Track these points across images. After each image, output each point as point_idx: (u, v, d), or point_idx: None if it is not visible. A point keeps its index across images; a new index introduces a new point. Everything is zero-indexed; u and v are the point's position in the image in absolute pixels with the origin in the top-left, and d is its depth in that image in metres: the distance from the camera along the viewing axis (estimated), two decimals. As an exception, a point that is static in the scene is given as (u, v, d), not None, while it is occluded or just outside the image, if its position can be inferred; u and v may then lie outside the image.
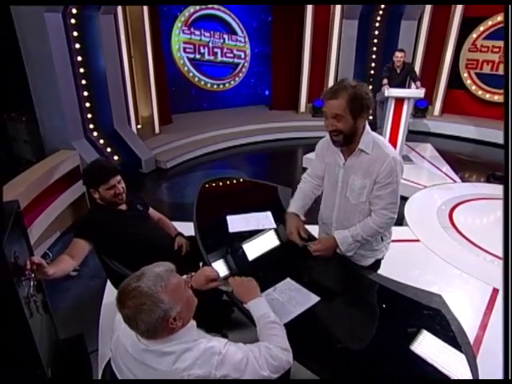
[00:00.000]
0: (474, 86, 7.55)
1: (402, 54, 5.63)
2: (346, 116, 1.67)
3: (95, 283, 3.18)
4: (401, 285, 1.75)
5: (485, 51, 7.25)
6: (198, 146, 6.40)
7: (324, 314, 1.66)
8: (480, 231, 3.81)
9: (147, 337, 1.17)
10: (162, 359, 1.16)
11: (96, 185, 2.07)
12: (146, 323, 1.12)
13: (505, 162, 1.19)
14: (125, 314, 1.13)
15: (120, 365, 1.27)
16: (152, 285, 1.13)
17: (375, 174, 1.75)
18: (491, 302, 2.78)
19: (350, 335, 1.55)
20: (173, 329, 1.17)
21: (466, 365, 1.34)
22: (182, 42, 7.44)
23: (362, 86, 1.68)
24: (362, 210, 1.87)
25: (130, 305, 1.11)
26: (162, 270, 1.20)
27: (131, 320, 1.13)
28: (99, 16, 4.78)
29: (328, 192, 2.02)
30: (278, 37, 7.89)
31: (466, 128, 7.30)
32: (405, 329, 1.50)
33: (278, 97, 8.42)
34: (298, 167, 6.30)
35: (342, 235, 1.88)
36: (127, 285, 1.15)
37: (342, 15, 7.29)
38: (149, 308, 1.11)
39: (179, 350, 1.16)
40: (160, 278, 1.17)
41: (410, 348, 1.40)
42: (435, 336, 1.44)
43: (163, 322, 1.14)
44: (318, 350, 1.49)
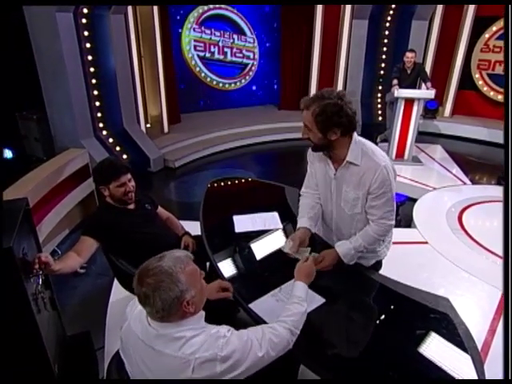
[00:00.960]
0: (485, 86, 7.44)
1: (412, 55, 5.58)
2: (312, 129, 1.64)
3: (102, 281, 3.20)
4: (408, 288, 1.73)
5: (497, 51, 7.14)
6: (206, 146, 6.41)
7: (330, 316, 1.65)
8: (490, 234, 3.75)
9: (160, 317, 1.20)
10: (170, 344, 1.19)
11: (107, 182, 2.08)
12: (162, 300, 1.15)
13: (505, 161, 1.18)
14: (143, 292, 1.17)
15: (130, 352, 1.30)
16: (172, 265, 1.19)
17: (367, 184, 1.71)
18: (500, 307, 2.74)
19: (356, 338, 1.54)
20: (185, 313, 1.21)
21: (472, 368, 1.32)
22: (193, 39, 7.46)
23: (335, 99, 1.58)
24: (359, 219, 1.84)
25: (150, 282, 1.16)
26: (182, 254, 1.27)
27: (148, 297, 1.16)
28: (110, 16, 4.82)
29: (324, 201, 1.97)
30: (287, 36, 7.86)
31: (476, 129, 7.20)
32: (411, 332, 1.49)
33: (286, 97, 8.39)
34: (303, 167, 6.27)
35: (343, 248, 1.83)
36: (148, 264, 1.21)
37: (351, 15, 7.24)
38: (167, 285, 1.16)
39: (188, 335, 1.19)
40: (180, 260, 1.23)
41: (417, 351, 1.39)
42: (442, 339, 1.43)
43: (178, 303, 1.18)
44: (324, 353, 1.48)
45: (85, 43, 4.63)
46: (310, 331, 1.54)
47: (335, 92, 1.62)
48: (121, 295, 2.78)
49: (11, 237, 1.33)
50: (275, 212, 2.39)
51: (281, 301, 1.68)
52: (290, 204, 2.54)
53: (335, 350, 1.51)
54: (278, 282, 1.78)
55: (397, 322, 1.59)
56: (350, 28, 7.34)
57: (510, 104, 1.12)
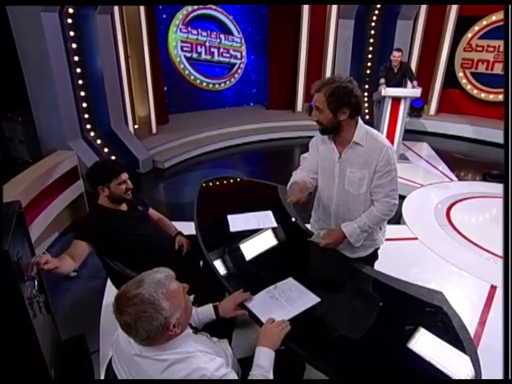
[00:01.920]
0: (469, 85, 7.60)
1: (399, 54, 5.66)
2: (324, 109, 1.76)
3: (94, 284, 3.17)
4: (402, 282, 1.77)
5: (480, 51, 7.30)
6: (195, 146, 6.39)
7: (326, 313, 1.67)
8: (477, 229, 3.84)
9: (145, 344, 1.16)
10: (154, 364, 1.16)
11: (107, 181, 2.05)
12: (146, 331, 1.10)
13: (505, 161, 1.21)
14: (123, 320, 1.11)
15: (117, 364, 1.28)
16: (154, 292, 1.12)
17: (374, 164, 1.81)
18: (489, 299, 2.81)
19: (354, 333, 1.56)
20: (171, 336, 1.17)
21: (466, 361, 1.35)
22: (179, 40, 7.42)
23: (345, 83, 1.73)
24: (364, 200, 1.92)
25: (131, 312, 1.09)
26: (163, 276, 1.19)
27: (130, 327, 1.11)
28: (96, 16, 4.76)
29: (324, 187, 2.05)
30: (273, 36, 7.88)
31: (461, 127, 7.35)
32: (408, 326, 1.51)
33: (274, 97, 8.42)
34: (295, 167, 6.28)
35: (349, 227, 1.92)
36: (126, 292, 1.13)
37: (338, 15, 7.31)
38: (150, 315, 1.10)
39: (171, 359, 1.15)
40: (161, 284, 1.15)
41: (415, 344, 1.42)
42: (437, 332, 1.46)
43: (163, 329, 1.13)
44: (322, 349, 1.50)
45: (71, 43, 4.57)
46: (307, 327, 1.56)
47: (344, 77, 1.78)
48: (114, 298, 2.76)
49: (6, 240, 1.31)
50: (269, 211, 2.40)
51: (275, 298, 1.69)
52: (283, 203, 2.55)
53: (332, 345, 1.52)
54: (273, 280, 1.78)
55: (394, 316, 1.62)
56: (336, 28, 7.41)
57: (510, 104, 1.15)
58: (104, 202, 2.13)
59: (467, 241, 3.57)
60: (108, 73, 5.09)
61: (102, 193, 2.09)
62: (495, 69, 7.22)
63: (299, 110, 8.30)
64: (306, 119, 7.95)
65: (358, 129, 1.83)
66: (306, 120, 7.92)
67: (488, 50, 7.21)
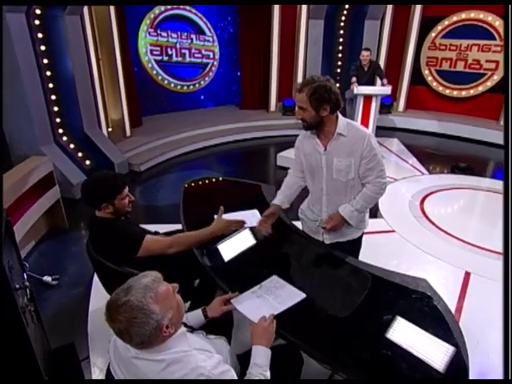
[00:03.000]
0: (434, 82, 7.93)
1: (368, 53, 5.84)
2: (307, 108, 1.91)
3: (77, 291, 3.10)
4: (388, 272, 1.85)
5: (443, 49, 7.63)
6: (171, 148, 6.34)
7: (315, 305, 1.73)
8: (449, 219, 4.04)
9: (141, 348, 1.16)
10: (151, 365, 1.17)
11: (113, 197, 1.96)
12: (140, 336, 1.11)
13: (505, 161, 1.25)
14: (116, 328, 1.12)
15: (115, 367, 1.28)
16: (142, 297, 1.12)
17: (359, 151, 1.98)
18: (464, 286, 2.96)
19: (344, 322, 1.63)
20: (165, 337, 1.17)
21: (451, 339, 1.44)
22: (149, 44, 7.33)
23: (324, 82, 1.89)
24: (353, 185, 2.08)
25: (122, 319, 1.10)
26: (150, 280, 1.19)
27: (124, 334, 1.12)
28: (64, 17, 4.64)
29: (313, 180, 2.18)
30: (245, 36, 7.93)
31: (428, 122, 7.65)
32: (397, 312, 1.59)
33: (247, 96, 8.46)
34: (272, 165, 6.39)
35: (347, 210, 2.08)
36: (115, 300, 1.13)
37: (308, 15, 7.44)
38: (141, 321, 1.10)
39: (168, 359, 1.16)
40: (149, 288, 1.15)
41: (404, 329, 1.50)
42: (424, 316, 1.55)
43: (156, 332, 1.14)
44: (317, 338, 1.55)
45: (39, 45, 4.43)
46: (301, 320, 1.61)
47: (322, 76, 1.93)
48: (100, 304, 2.71)
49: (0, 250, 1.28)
50: (255, 210, 2.44)
51: (261, 297, 1.73)
52: (268, 201, 2.59)
53: (329, 334, 1.58)
54: (259, 279, 1.82)
55: (382, 303, 1.70)
56: (306, 28, 7.55)
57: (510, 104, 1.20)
58: (105, 215, 2.03)
59: (441, 231, 3.75)
60: (79, 75, 4.96)
61: (104, 209, 1.99)
62: (458, 66, 7.57)
63: (273, 110, 8.37)
64: (280, 118, 8.06)
65: (340, 121, 2.00)
66: (280, 119, 8.04)
67: (450, 48, 7.55)
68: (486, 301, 2.81)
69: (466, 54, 7.40)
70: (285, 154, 6.05)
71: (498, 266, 3.19)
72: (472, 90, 7.56)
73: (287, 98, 8.16)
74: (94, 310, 2.68)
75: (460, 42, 7.39)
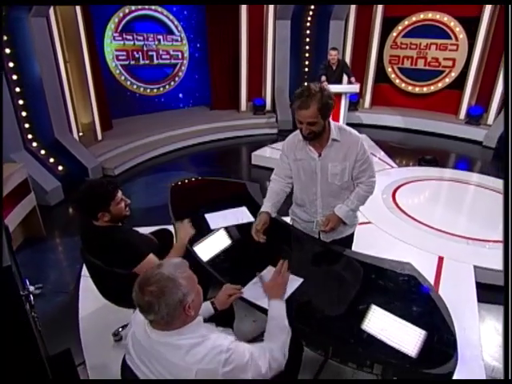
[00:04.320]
0: (397, 79, 8.30)
1: (335, 52, 6.03)
2: (318, 120, 1.89)
3: (61, 299, 3.05)
4: (376, 258, 1.98)
5: (404, 48, 8.01)
6: (144, 151, 6.28)
7: (312, 290, 1.82)
8: (420, 208, 4.28)
9: (165, 323, 1.23)
10: (173, 352, 1.23)
11: (107, 203, 1.93)
12: (167, 305, 1.19)
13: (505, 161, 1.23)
14: (146, 300, 1.19)
15: (135, 360, 1.33)
16: (172, 271, 1.25)
17: (354, 155, 2.02)
18: (439, 270, 3.17)
19: (342, 304, 1.74)
20: (186, 318, 1.26)
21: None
22: (115, 49, 7.20)
23: (326, 91, 1.88)
24: (347, 187, 2.14)
25: (153, 289, 1.19)
26: (179, 260, 1.34)
27: (152, 305, 1.19)
28: (30, 19, 4.49)
29: (306, 184, 2.17)
30: (213, 37, 7.96)
31: (393, 118, 8.00)
32: (388, 292, 1.72)
33: (217, 97, 8.49)
34: (246, 164, 6.48)
35: (342, 210, 2.13)
36: (147, 275, 1.24)
37: (274, 15, 7.57)
38: (171, 290, 1.20)
39: (188, 344, 1.23)
40: (178, 265, 1.29)
41: (399, 307, 1.63)
42: (413, 295, 1.69)
43: (181, 307, 1.22)
44: (316, 322, 1.65)
45: (4, 48, 4.27)
46: (301, 305, 1.71)
47: (316, 84, 1.90)
48: (90, 309, 2.71)
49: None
50: (244, 207, 2.51)
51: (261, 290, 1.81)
52: (254, 198, 2.67)
53: (328, 318, 1.68)
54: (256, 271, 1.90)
55: (374, 287, 1.82)
56: (274, 28, 7.67)
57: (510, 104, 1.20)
58: (104, 224, 1.99)
59: (413, 220, 3.97)
60: (47, 79, 4.82)
61: (102, 218, 1.95)
62: (418, 64, 7.97)
63: (243, 110, 8.44)
64: (251, 118, 8.15)
65: (332, 127, 2.00)
66: (251, 119, 8.13)
67: (411, 47, 7.94)
68: (459, 282, 3.03)
69: (425, 52, 7.81)
70: (259, 152, 6.16)
71: (466, 249, 3.47)
72: (432, 87, 7.98)
73: (257, 97, 8.27)
74: (84, 316, 2.66)
75: (419, 40, 7.78)
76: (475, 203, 4.69)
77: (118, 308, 2.54)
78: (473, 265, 3.19)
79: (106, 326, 2.51)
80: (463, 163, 6.51)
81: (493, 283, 3.13)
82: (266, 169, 5.90)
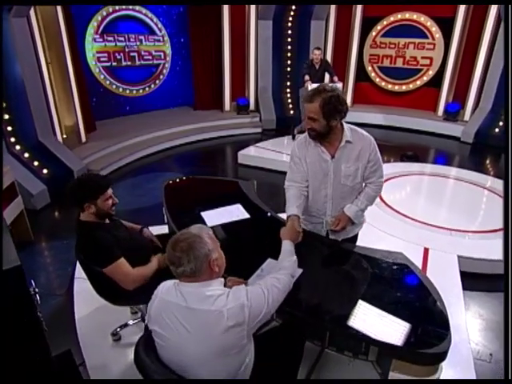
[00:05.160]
0: (377, 78, 8.49)
1: (319, 52, 6.14)
2: (319, 118, 1.90)
3: (55, 302, 3.04)
4: (370, 249, 2.08)
5: (383, 47, 8.21)
6: (129, 152, 6.24)
7: (312, 280, 1.90)
8: (404, 202, 4.43)
9: (193, 273, 1.37)
10: (204, 301, 1.36)
11: (94, 197, 1.99)
12: (196, 257, 1.35)
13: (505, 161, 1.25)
14: (177, 256, 1.36)
15: (165, 321, 1.40)
16: (199, 230, 1.44)
17: (367, 155, 2.04)
18: (425, 260, 3.31)
19: (341, 292, 1.82)
20: (211, 272, 1.41)
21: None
22: (96, 51, 7.12)
23: (336, 91, 1.89)
24: (358, 188, 2.16)
25: (183, 245, 1.36)
26: (204, 226, 1.51)
27: (182, 258, 1.35)
28: (10, 19, 4.42)
29: (318, 187, 2.14)
30: (196, 37, 7.95)
31: (374, 116, 8.19)
32: (383, 280, 1.81)
33: (201, 97, 8.49)
34: (232, 164, 6.53)
35: (352, 210, 2.14)
36: (178, 235, 1.42)
37: (256, 16, 7.63)
38: (198, 245, 1.37)
39: (215, 294, 1.37)
40: (203, 228, 1.48)
41: (393, 295, 1.72)
42: (406, 282, 1.78)
43: (207, 261, 1.38)
44: (317, 310, 1.72)
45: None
46: (301, 294, 1.78)
47: (332, 85, 1.94)
48: (86, 311, 2.71)
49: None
50: (238, 204, 2.57)
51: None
52: (248, 195, 2.73)
53: (327, 305, 1.76)
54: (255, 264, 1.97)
55: (370, 275, 1.91)
56: (256, 28, 7.73)
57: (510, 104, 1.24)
58: (89, 218, 2.05)
59: (398, 214, 4.11)
60: (29, 80, 4.75)
61: (87, 210, 2.01)
62: (397, 63, 8.19)
63: (227, 109, 8.47)
64: (235, 118, 8.19)
65: (345, 128, 2.02)
66: (235, 118, 8.17)
67: (390, 46, 8.14)
68: (444, 271, 3.17)
69: (403, 51, 8.03)
70: (245, 152, 6.22)
71: (450, 240, 3.62)
72: (411, 85, 8.22)
73: (241, 97, 8.31)
74: (80, 318, 2.65)
75: (398, 40, 8.00)
76: (455, 196, 4.90)
77: (115, 309, 2.56)
78: (456, 255, 3.34)
79: (104, 327, 2.52)
80: (442, 158, 6.74)
81: (475, 271, 3.29)
82: (252, 168, 5.98)
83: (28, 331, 1.32)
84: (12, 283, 1.23)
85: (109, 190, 2.07)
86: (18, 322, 1.28)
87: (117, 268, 1.97)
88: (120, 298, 2.18)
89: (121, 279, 2.00)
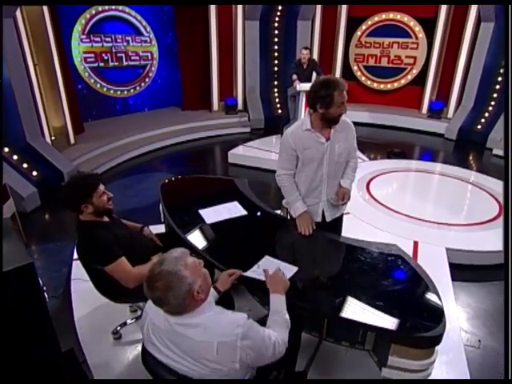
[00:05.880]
0: (363, 77, 8.64)
1: (307, 51, 6.23)
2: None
3: (52, 303, 3.02)
4: (365, 242, 2.16)
5: (368, 47, 8.36)
6: (119, 153, 6.22)
7: (308, 275, 1.96)
8: (392, 198, 4.54)
9: (177, 313, 1.33)
10: (192, 331, 1.33)
11: (88, 195, 2.00)
12: (176, 298, 1.29)
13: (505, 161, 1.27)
14: (156, 295, 1.30)
15: (156, 344, 1.41)
16: (174, 266, 1.32)
17: (352, 134, 2.39)
18: (415, 253, 3.41)
19: (339, 284, 1.89)
20: (197, 301, 1.35)
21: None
22: (83, 51, 7.06)
23: None
24: (344, 165, 2.44)
25: (159, 286, 1.29)
26: (179, 252, 1.40)
27: (162, 299, 1.30)
28: (-4, 20, 4.36)
29: (314, 168, 2.34)
30: (183, 37, 7.95)
31: (361, 114, 8.29)
32: (380, 270, 1.89)
33: (189, 97, 8.49)
34: (221, 163, 6.57)
35: (347, 183, 2.43)
36: (152, 272, 1.33)
37: (243, 16, 7.67)
38: (176, 285, 1.29)
39: (205, 322, 1.33)
40: (179, 259, 1.36)
41: (390, 283, 1.80)
42: (401, 271, 1.87)
43: (189, 295, 1.32)
44: (317, 300, 1.79)
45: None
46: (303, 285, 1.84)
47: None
48: (85, 311, 2.71)
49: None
50: (235, 201, 2.62)
51: (262, 275, 1.93)
52: (244, 193, 2.79)
53: (326, 295, 1.83)
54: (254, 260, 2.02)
55: (367, 267, 1.99)
56: (243, 28, 7.77)
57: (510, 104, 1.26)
58: (88, 218, 2.07)
59: (388, 209, 4.22)
60: (17, 82, 4.69)
61: (85, 210, 2.03)
62: (382, 62, 8.35)
63: (215, 109, 8.49)
64: (224, 117, 8.22)
65: None
66: (223, 118, 8.20)
67: (375, 46, 8.30)
68: (432, 263, 3.26)
69: (388, 50, 8.20)
70: (235, 151, 6.27)
71: (438, 233, 3.73)
72: (396, 83, 8.39)
73: (229, 97, 8.35)
74: (80, 318, 2.65)
75: (382, 39, 8.16)
76: (440, 191, 5.05)
77: (114, 308, 2.59)
78: (445, 247, 3.46)
79: (104, 326, 2.54)
80: (428, 154, 6.92)
81: (463, 263, 3.42)
82: (243, 167, 6.03)
83: (41, 326, 1.35)
84: (25, 280, 1.26)
85: (100, 186, 2.08)
86: (31, 317, 1.31)
87: (118, 267, 1.99)
88: (121, 296, 2.20)
89: (122, 278, 2.02)
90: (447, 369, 2.24)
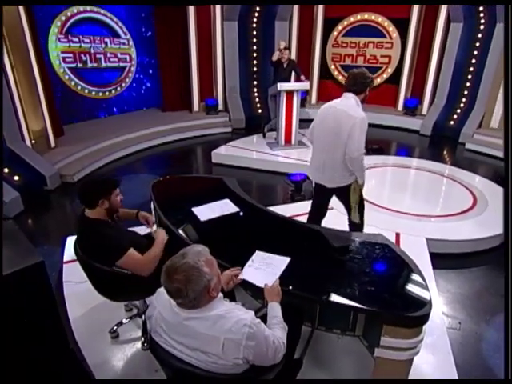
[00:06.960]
0: (340, 76, 8.85)
1: (287, 51, 6.35)
2: None
3: (43, 307, 3.03)
4: (352, 234, 2.28)
5: (345, 46, 8.58)
6: (101, 155, 6.16)
7: (300, 266, 2.06)
8: (373, 192, 4.70)
9: (192, 305, 1.39)
10: (202, 324, 1.39)
11: (109, 192, 2.15)
12: (194, 291, 1.34)
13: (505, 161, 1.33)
14: (174, 287, 1.34)
15: (164, 336, 1.47)
16: (197, 259, 1.38)
17: None
18: (397, 244, 3.56)
19: (333, 273, 2.00)
20: (210, 298, 1.42)
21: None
22: (60, 51, 6.94)
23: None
24: None
25: (180, 278, 1.33)
26: (201, 248, 1.45)
27: (181, 291, 1.33)
28: (-28, 23, 4.27)
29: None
30: (162, 38, 7.92)
31: (339, 112, 8.51)
32: (367, 259, 2.01)
33: (169, 98, 8.46)
34: (204, 163, 6.60)
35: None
36: (173, 263, 1.36)
37: (222, 17, 7.73)
38: (197, 278, 1.35)
39: (215, 316, 1.40)
40: (201, 254, 1.42)
41: (381, 269, 1.92)
42: (388, 259, 1.99)
43: (206, 291, 1.38)
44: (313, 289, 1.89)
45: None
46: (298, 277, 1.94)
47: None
48: (80, 313, 2.73)
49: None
50: (227, 199, 2.69)
51: (259, 269, 2.02)
52: (234, 190, 2.86)
53: (319, 282, 1.93)
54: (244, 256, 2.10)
55: (357, 256, 2.10)
56: (222, 29, 7.82)
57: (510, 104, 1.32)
58: (98, 216, 2.16)
59: (369, 203, 4.37)
60: (-5, 85, 4.60)
61: (101, 206, 2.13)
62: (358, 61, 8.58)
63: (196, 110, 8.50)
64: (204, 118, 8.25)
65: None
66: (204, 119, 8.23)
67: (351, 45, 8.52)
68: (414, 252, 3.42)
69: (364, 50, 8.43)
70: (218, 151, 6.32)
71: (418, 224, 3.91)
72: (372, 82, 8.61)
73: (209, 97, 8.38)
74: (75, 319, 2.67)
75: (358, 39, 8.39)
76: (418, 184, 5.28)
77: (108, 308, 2.64)
78: (425, 237, 3.64)
79: (100, 326, 2.57)
80: (404, 150, 7.17)
81: (442, 252, 3.61)
82: (226, 166, 6.08)
83: (53, 324, 1.39)
84: (37, 278, 1.31)
85: (118, 188, 2.23)
86: (44, 315, 1.35)
87: (128, 258, 2.06)
88: (121, 295, 2.26)
89: (136, 267, 2.09)
90: (432, 350, 2.40)
